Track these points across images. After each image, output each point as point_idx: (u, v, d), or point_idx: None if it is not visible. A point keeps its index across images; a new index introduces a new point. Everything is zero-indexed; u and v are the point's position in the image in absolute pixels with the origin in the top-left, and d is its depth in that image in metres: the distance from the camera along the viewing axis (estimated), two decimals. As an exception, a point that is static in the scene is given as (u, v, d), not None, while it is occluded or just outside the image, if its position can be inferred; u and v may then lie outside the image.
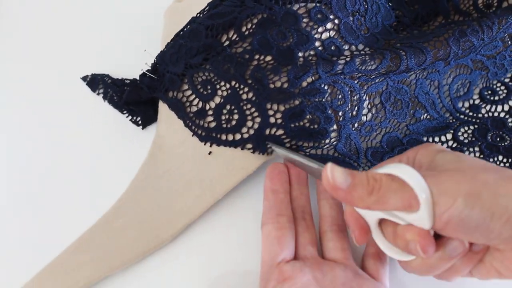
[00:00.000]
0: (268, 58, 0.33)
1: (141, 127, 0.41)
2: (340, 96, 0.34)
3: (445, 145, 0.39)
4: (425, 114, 0.40)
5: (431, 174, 0.25)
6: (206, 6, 0.36)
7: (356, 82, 0.35)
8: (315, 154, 0.35)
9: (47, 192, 0.38)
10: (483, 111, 0.41)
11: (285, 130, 0.34)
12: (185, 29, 0.37)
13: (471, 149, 0.38)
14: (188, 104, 0.37)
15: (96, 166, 0.39)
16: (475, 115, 0.40)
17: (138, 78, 0.40)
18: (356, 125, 0.36)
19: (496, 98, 0.41)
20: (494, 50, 0.40)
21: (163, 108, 0.39)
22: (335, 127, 0.35)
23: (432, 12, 0.43)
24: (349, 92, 0.35)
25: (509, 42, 0.41)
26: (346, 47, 0.35)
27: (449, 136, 0.39)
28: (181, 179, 0.36)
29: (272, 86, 0.33)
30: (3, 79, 0.47)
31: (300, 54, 0.33)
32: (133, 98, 0.40)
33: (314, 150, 0.35)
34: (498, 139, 0.38)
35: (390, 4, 0.41)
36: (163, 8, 0.45)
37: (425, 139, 0.39)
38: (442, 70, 0.40)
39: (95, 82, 0.43)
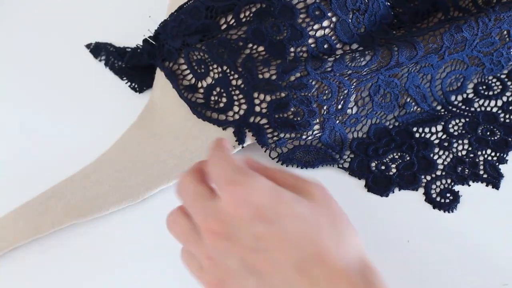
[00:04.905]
0: (260, 48, 0.34)
1: (138, 92, 0.43)
2: (327, 91, 0.35)
3: (434, 136, 0.39)
4: (415, 107, 0.40)
5: None
6: (210, -16, 0.37)
7: (346, 78, 0.36)
8: (298, 145, 0.37)
9: (40, 147, 0.41)
10: (476, 105, 0.41)
11: (269, 120, 0.35)
12: (189, 3, 0.38)
13: (460, 141, 0.39)
14: (181, 77, 0.38)
15: (88, 125, 0.42)
16: (467, 108, 0.41)
17: (139, 45, 0.42)
18: (340, 118, 0.38)
19: (491, 93, 0.41)
20: (492, 47, 0.40)
21: (159, 76, 0.41)
22: (318, 120, 0.36)
23: (431, 9, 0.43)
24: (337, 88, 0.36)
25: (507, 39, 0.40)
26: (339, 46, 0.36)
27: (439, 127, 0.40)
28: (164, 147, 0.38)
29: (260, 76, 0.35)
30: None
31: (292, 50, 0.34)
32: (133, 63, 0.42)
33: (297, 141, 0.37)
34: (488, 133, 0.38)
35: (389, 2, 0.41)
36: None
37: (414, 129, 0.40)
38: (436, 65, 0.40)
39: (98, 49, 0.46)
